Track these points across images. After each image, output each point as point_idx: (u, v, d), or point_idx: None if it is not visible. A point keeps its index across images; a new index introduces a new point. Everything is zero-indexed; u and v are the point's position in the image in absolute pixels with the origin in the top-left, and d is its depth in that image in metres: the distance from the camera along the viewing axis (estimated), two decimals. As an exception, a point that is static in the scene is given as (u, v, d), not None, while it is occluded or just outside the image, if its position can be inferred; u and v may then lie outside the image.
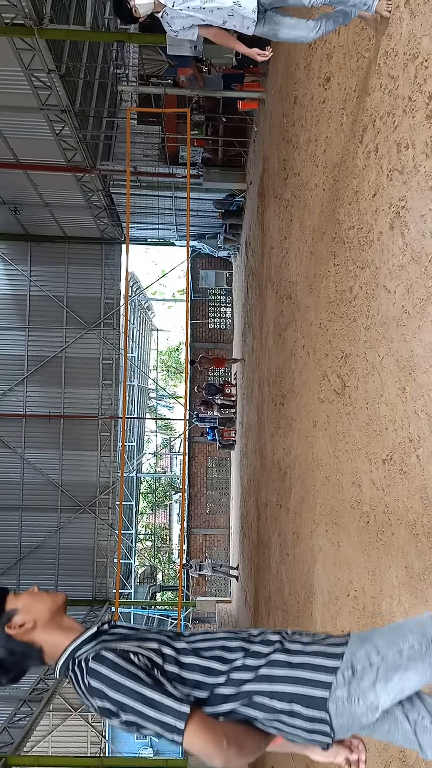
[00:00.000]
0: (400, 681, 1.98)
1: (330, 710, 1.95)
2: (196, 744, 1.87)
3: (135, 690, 1.85)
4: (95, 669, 1.88)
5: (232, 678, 2.00)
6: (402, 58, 3.62)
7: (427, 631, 2.04)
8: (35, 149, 14.99)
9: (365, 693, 1.96)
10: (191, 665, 2.00)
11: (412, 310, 3.44)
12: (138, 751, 26.49)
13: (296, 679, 1.98)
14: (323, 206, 5.88)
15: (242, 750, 1.94)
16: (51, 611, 2.06)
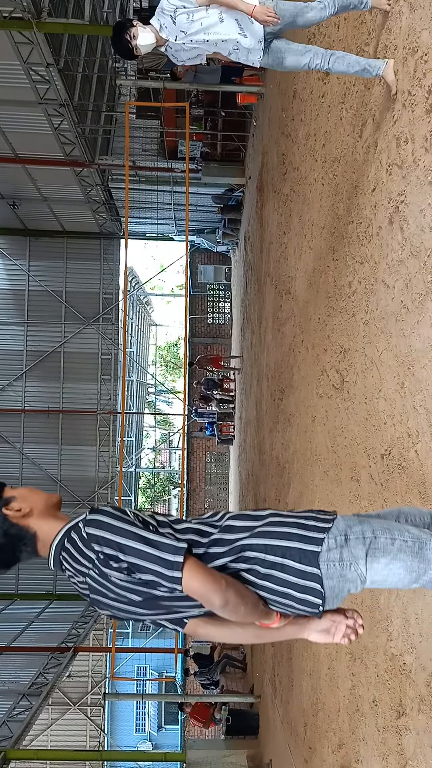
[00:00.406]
0: (385, 567, 2.05)
1: (321, 569, 2.01)
2: (195, 582, 1.91)
3: (133, 531, 1.92)
4: (93, 518, 1.94)
5: (226, 537, 2.07)
6: (401, 53, 3.61)
7: (423, 536, 2.11)
8: (34, 143, 14.94)
9: (357, 560, 2.03)
10: (185, 529, 2.07)
11: (411, 305, 3.44)
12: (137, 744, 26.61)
13: (290, 535, 2.05)
14: (322, 201, 5.87)
15: (242, 597, 1.98)
16: (46, 503, 2.12)
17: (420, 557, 2.07)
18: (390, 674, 3.69)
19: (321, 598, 2.02)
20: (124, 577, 1.93)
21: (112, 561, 1.91)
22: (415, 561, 2.07)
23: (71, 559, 2.00)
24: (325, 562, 2.02)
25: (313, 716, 5.93)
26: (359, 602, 4.32)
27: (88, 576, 1.97)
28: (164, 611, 2.04)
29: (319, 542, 2.03)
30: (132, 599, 1.97)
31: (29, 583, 20.81)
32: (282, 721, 8.14)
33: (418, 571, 2.08)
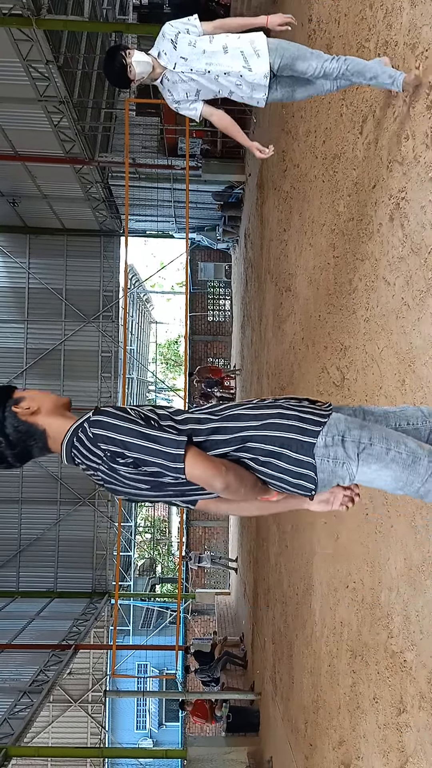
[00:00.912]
0: (375, 472, 2.17)
1: (316, 461, 2.14)
2: (197, 469, 2.05)
3: (136, 429, 2.05)
4: (98, 419, 2.07)
5: (227, 425, 2.18)
6: (402, 49, 3.60)
7: (419, 452, 2.19)
8: (33, 141, 14.92)
9: (349, 460, 2.16)
10: (185, 419, 2.19)
11: (412, 302, 3.43)
12: (138, 741, 26.63)
13: (289, 427, 2.17)
14: (323, 198, 5.86)
15: (241, 479, 2.13)
16: (55, 404, 2.23)
17: (411, 470, 2.17)
18: (390, 671, 3.69)
19: (314, 483, 2.17)
20: (131, 470, 2.08)
21: (118, 458, 2.05)
22: (405, 473, 2.17)
23: (82, 456, 2.12)
24: (320, 457, 2.15)
25: (314, 713, 5.94)
26: (360, 599, 4.32)
27: (99, 470, 2.11)
28: (175, 494, 2.20)
29: (315, 434, 2.15)
30: (142, 488, 2.14)
31: (30, 580, 20.83)
32: (283, 718, 8.14)
33: (405, 482, 2.18)
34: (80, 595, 20.73)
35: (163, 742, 26.61)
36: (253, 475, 2.19)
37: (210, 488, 2.10)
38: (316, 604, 5.93)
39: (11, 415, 2.15)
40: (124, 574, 25.03)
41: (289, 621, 7.66)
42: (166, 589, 30.35)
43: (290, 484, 2.19)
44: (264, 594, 10.68)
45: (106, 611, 20.35)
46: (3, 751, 11.02)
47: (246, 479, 2.15)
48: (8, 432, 2.16)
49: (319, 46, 6.07)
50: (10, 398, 2.18)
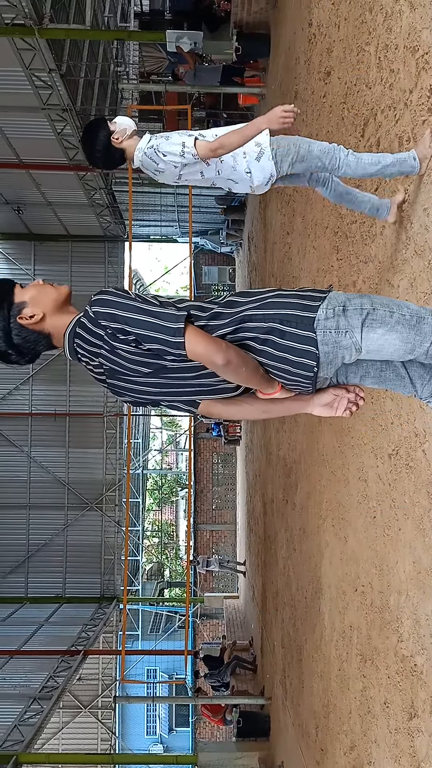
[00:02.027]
0: (382, 337, 2.15)
1: (317, 335, 2.12)
2: (197, 345, 2.04)
3: (136, 305, 2.05)
4: (98, 298, 2.08)
5: (227, 311, 2.18)
6: (402, 52, 3.60)
7: (423, 312, 2.20)
8: (37, 149, 14.98)
9: (353, 329, 2.13)
10: (186, 306, 2.17)
11: (417, 304, 3.43)
12: (148, 747, 26.60)
13: (288, 304, 2.16)
14: (325, 201, 5.86)
15: (243, 358, 2.12)
16: (57, 302, 2.21)
17: (417, 330, 2.15)
18: (401, 676, 3.68)
19: (315, 360, 2.14)
20: (132, 349, 2.07)
21: (119, 334, 2.05)
22: (412, 333, 2.15)
23: (84, 343, 2.12)
24: (322, 329, 2.12)
25: (325, 718, 5.92)
26: (369, 603, 4.31)
27: (101, 356, 2.10)
28: (177, 390, 2.18)
29: (315, 309, 2.14)
30: (143, 372, 2.11)
31: (39, 586, 20.85)
32: (293, 723, 8.12)
33: (413, 343, 2.16)
34: (89, 600, 20.74)
35: (174, 747, 26.56)
36: (254, 360, 2.17)
37: (211, 365, 2.07)
38: (325, 607, 5.92)
39: (17, 327, 2.16)
40: (133, 578, 25.02)
41: (298, 625, 7.64)
42: (175, 594, 30.33)
43: (292, 364, 2.15)
44: (272, 597, 10.66)
45: (114, 616, 20.36)
46: (14, 757, 11.02)
47: (248, 361, 2.13)
48: (17, 343, 2.18)
49: (320, 50, 6.09)
50: (12, 304, 2.17)
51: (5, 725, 13.29)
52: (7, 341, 2.17)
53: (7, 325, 2.15)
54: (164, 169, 3.45)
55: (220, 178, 3.56)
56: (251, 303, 2.18)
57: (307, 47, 6.91)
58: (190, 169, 3.45)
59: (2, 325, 2.15)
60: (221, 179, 3.57)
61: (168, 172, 3.47)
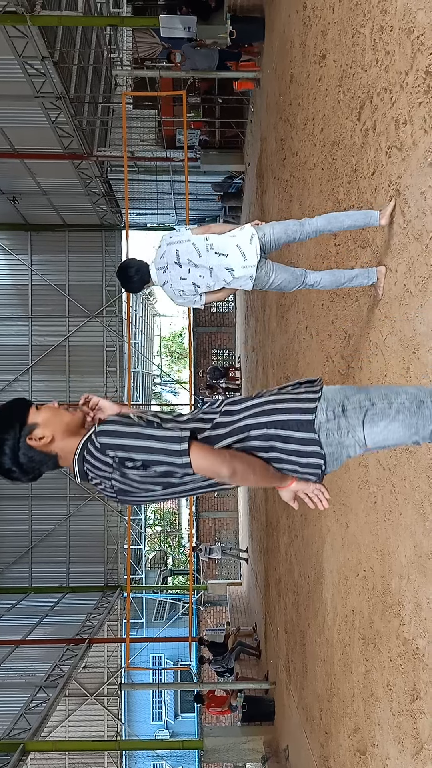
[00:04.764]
0: (385, 429, 2.16)
1: (320, 437, 2.16)
2: (203, 461, 2.09)
3: (139, 432, 2.10)
4: (103, 429, 2.12)
5: (226, 420, 2.22)
6: (398, 33, 3.57)
7: (421, 395, 2.19)
8: (32, 137, 14.91)
9: (354, 428, 2.16)
10: (188, 420, 2.25)
11: (414, 289, 3.41)
12: (154, 733, 26.81)
13: (286, 410, 2.20)
14: (322, 185, 5.83)
15: (249, 465, 2.15)
16: (69, 426, 2.25)
17: (418, 415, 2.16)
18: (403, 658, 3.69)
19: (322, 459, 2.18)
20: (142, 473, 2.10)
21: (127, 462, 2.08)
22: (413, 419, 2.16)
23: (93, 468, 2.15)
24: (324, 431, 2.16)
25: (328, 701, 5.96)
26: (370, 587, 4.33)
27: (112, 479, 2.13)
28: (190, 491, 2.24)
29: (312, 411, 2.17)
30: (155, 490, 2.16)
31: (42, 576, 20.94)
32: (297, 707, 8.18)
33: (416, 428, 2.17)
34: (92, 589, 20.84)
35: (180, 733, 26.79)
36: (262, 460, 2.20)
37: (218, 477, 2.12)
38: (328, 592, 5.95)
39: (25, 447, 2.18)
40: (136, 567, 25.13)
41: (301, 610, 7.68)
42: (178, 581, 30.47)
43: (300, 465, 2.19)
44: (275, 583, 10.71)
45: (118, 604, 20.46)
46: (21, 746, 11.11)
47: (254, 464, 2.16)
48: (22, 462, 2.20)
49: (315, 33, 6.03)
50: (25, 425, 2.18)
51: (12, 714, 13.39)
52: (13, 459, 2.18)
53: (16, 444, 2.16)
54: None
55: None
56: (249, 410, 2.22)
57: (301, 30, 6.85)
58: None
59: (11, 444, 2.16)
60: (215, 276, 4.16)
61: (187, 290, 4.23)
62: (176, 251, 4.10)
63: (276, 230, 4.08)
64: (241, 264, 4.04)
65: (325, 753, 6.22)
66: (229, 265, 4.06)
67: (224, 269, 4.07)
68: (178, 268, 4.13)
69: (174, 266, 4.13)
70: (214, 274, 4.09)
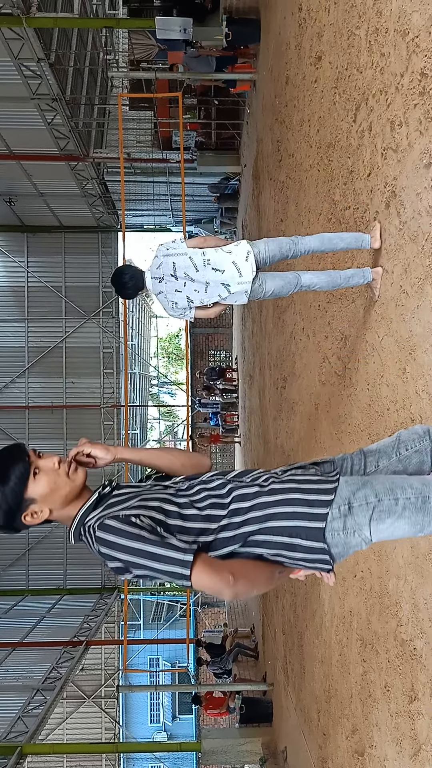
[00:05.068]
0: (391, 526, 2.11)
1: (327, 539, 2.09)
2: (204, 584, 2.00)
3: (141, 549, 1.97)
4: (102, 537, 2.01)
5: (233, 521, 2.12)
6: (393, 35, 3.58)
7: (426, 490, 2.15)
8: (28, 139, 14.90)
9: (360, 527, 2.10)
10: (193, 516, 2.12)
11: (410, 290, 3.42)
12: (152, 735, 26.77)
13: (294, 515, 2.10)
14: (318, 187, 5.84)
15: (252, 582, 2.08)
16: (68, 497, 2.16)
17: (424, 511, 2.12)
18: (401, 659, 3.70)
19: (330, 564, 2.13)
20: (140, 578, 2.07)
21: (125, 572, 2.03)
22: (419, 515, 2.12)
23: (90, 547, 2.10)
24: (329, 531, 2.09)
25: (326, 702, 5.96)
26: (368, 588, 4.33)
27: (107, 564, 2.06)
28: None
29: (324, 517, 2.09)
30: None
31: (40, 578, 20.91)
32: (295, 708, 8.18)
33: (422, 524, 2.14)
34: (90, 591, 20.81)
35: (178, 735, 26.75)
36: (267, 567, 2.14)
37: (219, 596, 2.07)
38: (325, 594, 5.95)
39: (21, 524, 2.13)
40: (133, 569, 25.02)
41: (299, 611, 7.68)
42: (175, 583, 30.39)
43: (308, 563, 2.15)
44: (273, 585, 10.70)
45: (116, 606, 20.43)
46: (18, 749, 11.08)
47: (258, 578, 2.10)
48: (16, 527, 2.15)
49: (310, 35, 6.04)
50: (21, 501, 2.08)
51: (9, 717, 13.36)
52: (6, 526, 2.12)
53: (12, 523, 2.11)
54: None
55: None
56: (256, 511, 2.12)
57: (297, 32, 6.86)
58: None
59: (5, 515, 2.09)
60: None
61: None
62: (173, 264, 4.13)
63: (270, 247, 4.16)
64: (236, 280, 4.10)
65: (323, 754, 6.21)
66: (225, 281, 4.10)
67: (220, 285, 4.11)
68: (174, 281, 4.16)
69: (170, 278, 4.16)
70: (210, 290, 4.14)
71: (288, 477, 2.23)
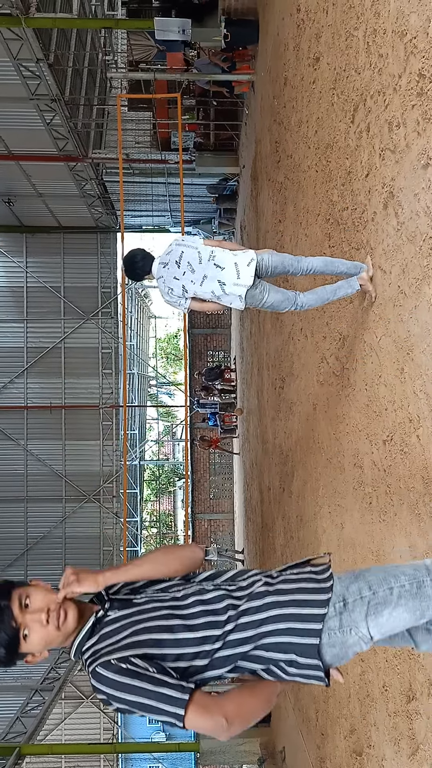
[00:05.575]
0: (390, 617, 2.07)
1: (322, 639, 2.04)
2: (198, 727, 1.98)
3: (135, 693, 1.95)
4: (96, 686, 2.01)
5: (228, 640, 2.08)
6: (391, 36, 3.58)
7: (419, 575, 2.12)
8: (27, 139, 14.90)
9: (357, 624, 2.05)
10: (187, 640, 2.07)
11: (408, 290, 3.43)
12: (150, 735, 26.76)
13: (287, 630, 2.06)
14: (316, 188, 5.85)
15: (248, 717, 2.03)
16: (64, 634, 2.11)
17: (421, 597, 2.09)
18: (399, 659, 3.70)
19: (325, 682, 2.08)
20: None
21: (120, 710, 2.02)
22: (417, 601, 2.09)
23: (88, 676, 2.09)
24: (326, 631, 2.05)
25: (324, 703, 5.96)
26: (366, 588, 4.33)
27: None
28: None
29: (317, 634, 2.04)
30: None
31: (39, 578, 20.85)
32: (293, 708, 8.18)
33: (421, 609, 2.10)
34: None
35: (176, 735, 26.71)
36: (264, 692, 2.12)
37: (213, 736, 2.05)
38: (323, 594, 5.94)
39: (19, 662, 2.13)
40: (132, 569, 24.99)
41: (297, 611, 7.67)
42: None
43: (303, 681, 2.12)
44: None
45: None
46: (17, 749, 11.08)
47: (253, 713, 2.06)
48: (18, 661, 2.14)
49: (309, 36, 6.05)
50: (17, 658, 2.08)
51: (7, 717, 13.37)
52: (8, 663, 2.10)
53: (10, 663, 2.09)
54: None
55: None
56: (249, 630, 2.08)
57: (295, 33, 6.87)
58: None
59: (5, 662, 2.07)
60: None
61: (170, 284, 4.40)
62: (181, 253, 4.28)
63: (274, 259, 4.28)
64: (233, 281, 4.19)
65: (321, 754, 6.22)
66: (222, 278, 4.20)
67: (216, 281, 4.21)
68: (176, 268, 4.29)
69: (173, 265, 4.29)
70: (205, 284, 4.24)
71: (281, 586, 2.18)
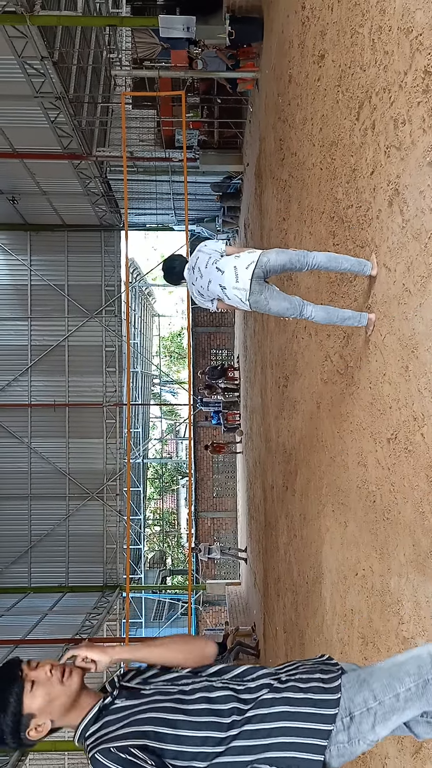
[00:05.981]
0: (398, 720, 2.07)
1: (332, 751, 2.02)
2: None
3: None
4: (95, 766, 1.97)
5: (232, 746, 2.02)
6: (396, 33, 3.58)
7: (423, 672, 2.08)
8: (31, 137, 14.91)
9: (365, 735, 2.04)
10: (187, 737, 2.02)
11: (413, 288, 3.42)
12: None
13: (291, 745, 2.02)
14: (321, 185, 5.84)
15: None
16: (66, 704, 2.11)
17: (427, 695, 2.06)
18: (402, 657, 3.69)
19: None
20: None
21: None
22: (423, 700, 2.06)
23: None
24: (334, 744, 2.02)
25: (327, 701, 5.95)
26: (369, 586, 4.33)
27: None
28: None
29: (322, 750, 2.01)
30: None
31: (42, 576, 20.94)
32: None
33: (428, 704, 2.08)
34: (92, 589, 20.83)
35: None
36: None
37: None
38: (326, 592, 5.95)
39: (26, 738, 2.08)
40: (135, 567, 25.13)
41: (300, 610, 7.68)
42: (177, 581, 30.48)
43: None
44: (274, 583, 10.71)
45: (118, 604, 20.46)
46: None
47: None
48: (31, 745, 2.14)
49: (313, 33, 6.04)
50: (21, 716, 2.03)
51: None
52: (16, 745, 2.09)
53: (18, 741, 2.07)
54: None
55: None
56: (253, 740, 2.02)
57: (300, 30, 6.85)
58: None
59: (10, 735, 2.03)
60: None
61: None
62: (197, 258, 4.51)
63: (281, 258, 4.32)
64: (232, 284, 4.29)
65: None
66: (222, 282, 4.31)
67: (217, 285, 4.34)
68: (195, 273, 4.51)
69: (195, 270, 4.51)
70: (211, 287, 4.40)
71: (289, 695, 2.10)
